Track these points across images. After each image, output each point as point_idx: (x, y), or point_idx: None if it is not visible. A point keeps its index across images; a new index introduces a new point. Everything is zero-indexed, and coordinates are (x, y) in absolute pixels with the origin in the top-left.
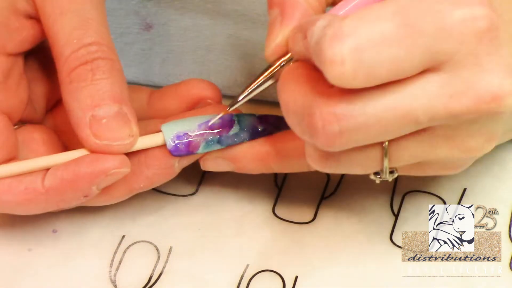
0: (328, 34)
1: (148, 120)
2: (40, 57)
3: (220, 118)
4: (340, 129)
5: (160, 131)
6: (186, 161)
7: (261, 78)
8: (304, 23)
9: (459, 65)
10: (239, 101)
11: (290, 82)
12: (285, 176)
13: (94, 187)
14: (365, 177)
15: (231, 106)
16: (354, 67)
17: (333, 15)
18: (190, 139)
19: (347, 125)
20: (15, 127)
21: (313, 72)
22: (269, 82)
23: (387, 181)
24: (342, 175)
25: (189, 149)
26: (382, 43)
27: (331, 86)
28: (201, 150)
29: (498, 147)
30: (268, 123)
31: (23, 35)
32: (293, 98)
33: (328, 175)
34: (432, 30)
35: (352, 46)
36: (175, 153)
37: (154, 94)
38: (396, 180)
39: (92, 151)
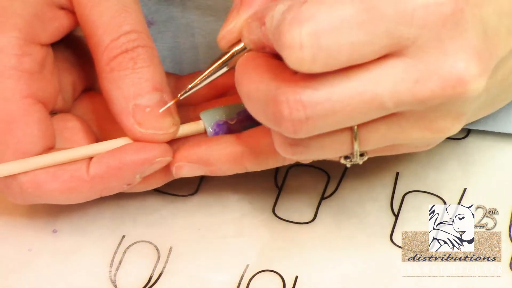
0: (287, 18)
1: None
2: (65, 46)
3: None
4: (306, 116)
5: (196, 118)
6: None
7: (214, 67)
8: (261, 10)
9: (423, 50)
10: (190, 89)
11: (250, 71)
12: (285, 176)
13: (137, 175)
14: (365, 177)
15: (182, 95)
16: (313, 51)
17: None
18: (230, 127)
19: (313, 111)
20: None
21: (273, 61)
22: (223, 70)
23: (358, 164)
24: (342, 175)
25: None
26: (342, 28)
27: (295, 73)
28: None
29: (498, 147)
30: None
31: (55, 26)
32: (255, 86)
33: (328, 175)
34: (393, 14)
35: (310, 30)
36: None
37: (181, 80)
38: (396, 180)
39: (135, 140)
